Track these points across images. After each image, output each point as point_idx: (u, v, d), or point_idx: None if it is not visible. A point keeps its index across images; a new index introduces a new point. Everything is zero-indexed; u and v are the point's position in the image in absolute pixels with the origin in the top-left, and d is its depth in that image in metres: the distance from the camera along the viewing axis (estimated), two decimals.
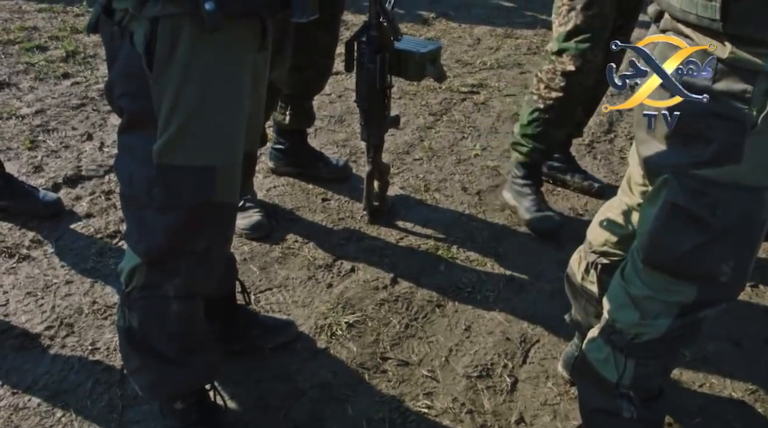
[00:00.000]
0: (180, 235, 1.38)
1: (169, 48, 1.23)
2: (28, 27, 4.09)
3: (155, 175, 1.32)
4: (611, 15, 2.44)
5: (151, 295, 1.47)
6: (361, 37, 2.24)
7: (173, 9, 1.20)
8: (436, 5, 5.13)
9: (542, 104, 2.56)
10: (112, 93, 1.33)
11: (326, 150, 3.03)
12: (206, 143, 1.32)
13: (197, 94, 1.27)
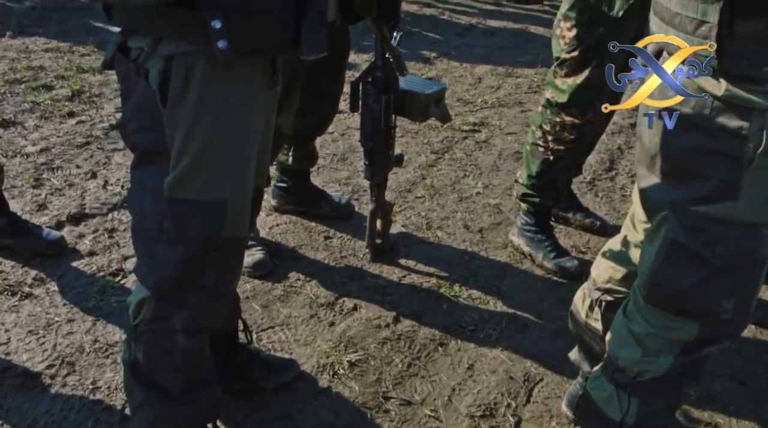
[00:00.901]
0: (189, 268, 1.40)
1: (183, 85, 1.26)
2: (35, 66, 4.14)
3: (166, 208, 1.34)
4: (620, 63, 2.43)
5: (158, 328, 1.48)
6: (367, 78, 2.27)
7: (187, 47, 1.24)
8: (438, 45, 5.19)
9: (551, 156, 2.54)
10: (126, 129, 1.37)
11: (329, 188, 3.04)
12: (217, 177, 1.35)
13: (209, 129, 1.30)
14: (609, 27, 2.28)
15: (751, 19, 1.25)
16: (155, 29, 1.24)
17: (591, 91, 2.38)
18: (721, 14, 1.25)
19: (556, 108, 2.47)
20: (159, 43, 1.24)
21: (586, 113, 2.42)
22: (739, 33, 1.25)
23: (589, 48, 2.33)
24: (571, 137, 2.48)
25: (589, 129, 2.48)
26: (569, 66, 2.39)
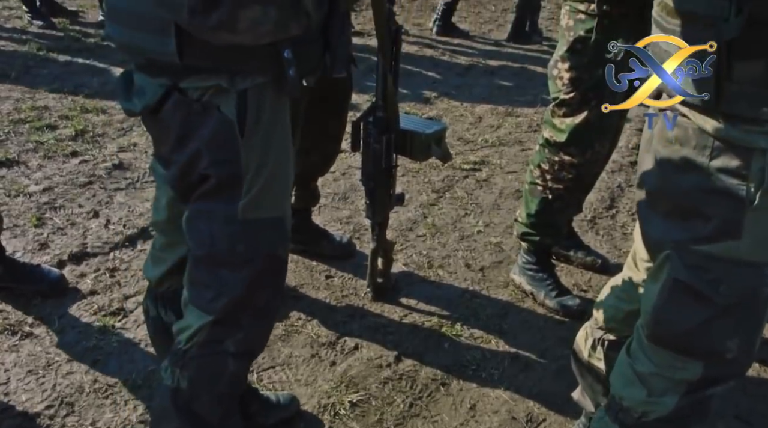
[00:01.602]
0: (253, 287, 1.47)
1: (257, 114, 1.37)
2: (39, 107, 4.18)
3: (239, 231, 1.42)
4: None
5: (211, 352, 1.51)
6: (368, 118, 2.29)
7: (261, 79, 1.34)
8: (438, 85, 5.24)
9: (550, 195, 2.55)
10: (195, 165, 1.40)
11: (330, 227, 3.05)
12: (279, 195, 1.47)
13: (278, 151, 1.43)
14: None
15: (748, 62, 1.26)
16: (234, 66, 1.32)
17: (590, 132, 2.40)
18: (719, 56, 1.27)
19: (555, 147, 2.49)
20: (234, 78, 1.32)
21: (585, 152, 2.44)
22: (738, 75, 1.27)
23: (588, 89, 2.35)
24: (570, 176, 2.49)
25: (588, 169, 2.49)
26: (568, 106, 2.42)
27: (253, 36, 1.25)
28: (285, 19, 1.25)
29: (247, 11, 1.19)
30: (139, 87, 1.41)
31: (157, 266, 1.69)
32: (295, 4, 1.25)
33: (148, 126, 1.51)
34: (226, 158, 1.38)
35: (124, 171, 3.47)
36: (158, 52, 1.32)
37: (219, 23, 1.18)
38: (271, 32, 1.26)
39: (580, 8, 2.34)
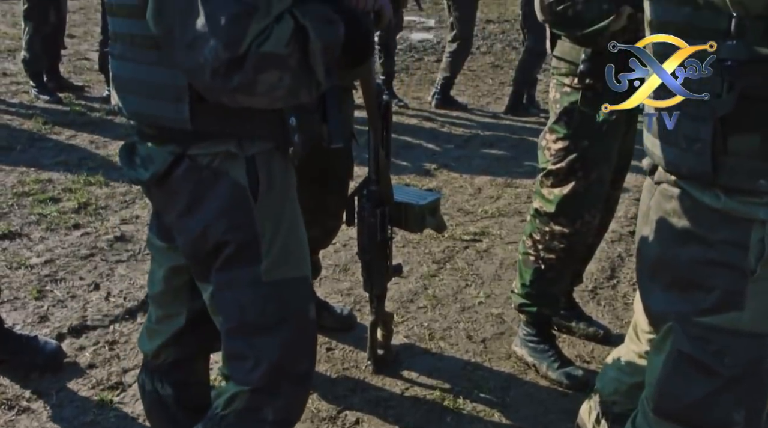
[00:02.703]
0: (289, 352, 1.48)
1: (269, 178, 1.43)
2: (43, 179, 4.22)
3: (267, 292, 1.45)
4: (609, 177, 2.49)
5: (249, 419, 1.50)
6: (362, 192, 2.31)
7: (269, 145, 1.42)
8: (438, 157, 5.30)
9: (542, 265, 2.57)
10: (210, 232, 1.42)
11: (330, 299, 3.04)
12: (299, 255, 1.51)
13: (291, 212, 1.49)
14: (594, 140, 2.38)
15: (743, 135, 1.29)
16: (243, 132, 1.38)
17: (578, 202, 2.44)
18: (714, 131, 1.29)
19: (545, 218, 2.52)
20: (242, 144, 1.38)
21: (574, 222, 2.47)
22: (733, 148, 1.29)
23: (574, 160, 2.41)
24: (561, 246, 2.51)
25: (579, 239, 2.51)
26: (555, 176, 2.46)
27: (268, 100, 1.29)
28: (297, 86, 1.29)
29: (265, 75, 1.23)
30: (146, 156, 1.44)
31: (153, 339, 1.69)
32: (307, 72, 1.29)
33: (153, 195, 1.52)
34: (241, 223, 1.41)
35: (125, 243, 3.48)
36: (171, 119, 1.37)
37: (239, 85, 1.22)
38: (284, 97, 1.30)
39: (565, 82, 2.42)
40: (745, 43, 1.24)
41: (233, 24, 1.17)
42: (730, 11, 1.25)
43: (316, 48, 1.28)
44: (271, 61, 1.22)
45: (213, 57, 1.18)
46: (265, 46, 1.20)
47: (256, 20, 1.19)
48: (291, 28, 1.24)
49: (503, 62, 9.13)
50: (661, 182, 1.46)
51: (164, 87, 1.36)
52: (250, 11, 1.18)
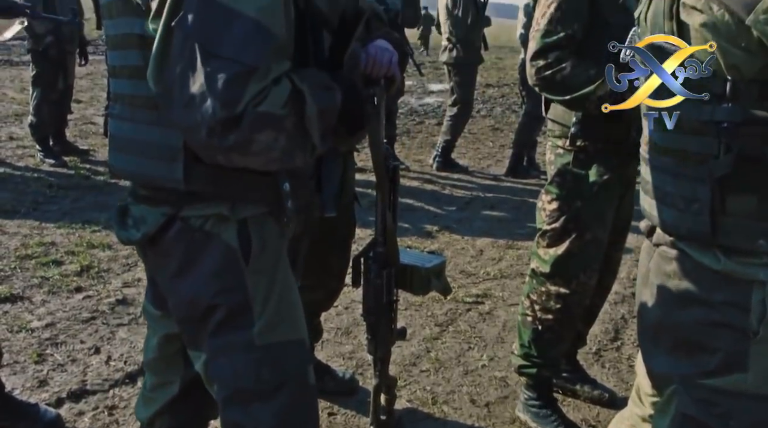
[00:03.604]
0: (290, 419, 1.45)
1: (263, 241, 1.42)
2: (46, 242, 4.24)
3: (261, 356, 1.42)
4: (606, 238, 2.50)
5: None
6: (368, 253, 2.31)
7: (260, 209, 1.42)
8: (440, 219, 5.33)
9: (540, 326, 2.57)
10: (201, 295, 1.41)
11: (333, 363, 3.02)
12: (293, 318, 1.49)
13: (283, 275, 1.47)
14: (586, 201, 2.42)
15: (741, 196, 1.30)
16: (236, 194, 1.39)
17: (572, 262, 2.46)
18: (712, 192, 1.31)
19: (541, 278, 2.53)
20: (234, 208, 1.39)
21: (570, 282, 2.48)
22: (731, 209, 1.30)
23: (567, 220, 2.44)
24: (558, 307, 2.51)
25: (575, 299, 2.51)
26: (550, 237, 2.49)
27: (263, 160, 1.29)
28: (293, 148, 1.30)
29: (261, 135, 1.23)
30: (139, 217, 1.45)
31: (148, 407, 1.67)
32: (303, 135, 1.30)
33: (146, 257, 1.53)
34: (232, 286, 1.40)
35: (127, 306, 3.47)
36: (165, 179, 1.38)
37: (235, 144, 1.22)
38: (279, 159, 1.30)
39: (558, 143, 2.48)
40: (740, 105, 1.27)
41: (232, 84, 1.19)
42: (725, 75, 1.28)
43: (312, 112, 1.29)
44: (267, 121, 1.23)
45: (210, 116, 1.19)
46: (262, 106, 1.21)
47: (255, 81, 1.21)
48: (288, 91, 1.26)
49: (503, 125, 9.26)
50: (659, 244, 1.46)
51: (160, 147, 1.37)
52: (249, 72, 1.20)
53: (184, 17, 1.22)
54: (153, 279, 1.57)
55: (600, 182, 2.40)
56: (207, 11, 1.22)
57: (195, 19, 1.21)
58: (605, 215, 2.47)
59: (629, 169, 2.43)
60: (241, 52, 1.21)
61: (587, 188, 2.41)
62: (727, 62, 1.26)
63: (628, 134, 2.30)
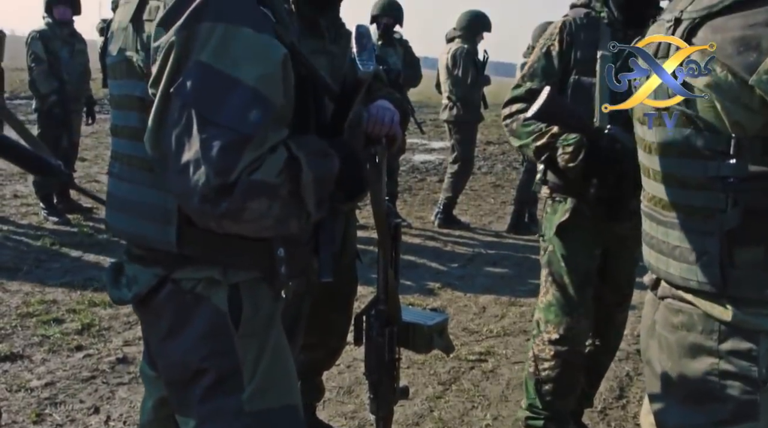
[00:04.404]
0: None
1: (254, 307, 1.41)
2: (48, 300, 4.23)
3: (251, 423, 1.40)
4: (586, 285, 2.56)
5: None
6: (370, 311, 2.31)
7: (255, 274, 1.41)
8: (442, 276, 5.32)
9: (540, 375, 2.60)
10: (189, 359, 1.40)
11: (334, 422, 2.98)
12: (284, 383, 1.47)
13: (275, 340, 1.45)
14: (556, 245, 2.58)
15: (749, 248, 1.32)
16: (228, 259, 1.38)
17: (557, 308, 2.55)
18: (721, 244, 1.33)
19: (538, 328, 2.63)
20: (226, 272, 1.38)
21: (558, 327, 2.56)
22: (740, 261, 1.33)
23: (547, 264, 2.60)
24: (552, 353, 2.57)
25: (567, 345, 2.56)
26: (541, 285, 2.63)
27: (255, 227, 1.28)
28: (287, 216, 1.29)
29: (254, 203, 1.23)
30: (132, 276, 1.45)
31: None
32: (298, 202, 1.29)
33: (140, 316, 1.53)
34: (221, 350, 1.39)
35: (127, 365, 3.44)
36: (158, 241, 1.38)
37: (227, 211, 1.22)
38: (272, 227, 1.29)
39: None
40: (744, 161, 1.30)
41: (226, 152, 1.19)
42: (729, 132, 1.31)
43: (308, 179, 1.28)
44: (260, 189, 1.22)
45: (203, 183, 1.19)
46: (256, 175, 1.21)
47: (250, 150, 1.21)
48: (284, 159, 1.26)
49: (504, 182, 9.32)
50: (665, 296, 1.47)
51: (155, 209, 1.38)
52: (245, 140, 1.20)
53: (183, 84, 1.23)
54: (147, 340, 1.57)
55: (560, 224, 2.53)
56: (206, 79, 1.22)
57: (193, 86, 1.22)
58: (576, 260, 2.55)
59: (613, 225, 2.52)
60: (238, 121, 1.21)
61: (557, 231, 2.55)
62: (731, 120, 1.30)
63: (588, 186, 2.40)
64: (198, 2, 1.25)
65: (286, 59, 1.28)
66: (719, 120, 1.31)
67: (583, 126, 2.34)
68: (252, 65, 1.23)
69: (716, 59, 1.28)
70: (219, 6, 1.25)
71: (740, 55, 1.26)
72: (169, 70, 1.25)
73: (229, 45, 1.23)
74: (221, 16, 1.24)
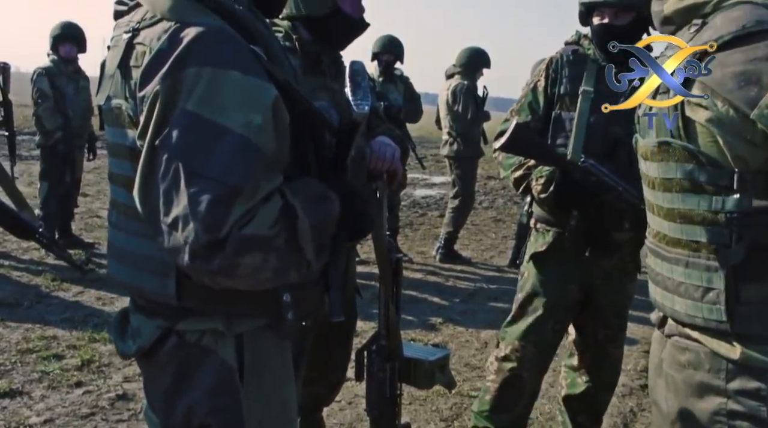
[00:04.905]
0: None
1: (256, 359, 1.37)
2: (48, 336, 4.21)
3: None
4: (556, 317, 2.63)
5: None
6: (371, 347, 2.30)
7: (259, 322, 1.37)
8: (443, 311, 5.30)
9: (486, 385, 2.76)
10: (193, 413, 1.35)
11: None
12: None
13: (283, 393, 1.42)
14: (529, 272, 2.69)
15: (755, 284, 1.31)
16: (231, 309, 1.33)
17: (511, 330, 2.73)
18: (726, 280, 1.32)
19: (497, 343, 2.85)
20: (231, 322, 1.34)
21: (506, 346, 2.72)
22: (747, 297, 1.31)
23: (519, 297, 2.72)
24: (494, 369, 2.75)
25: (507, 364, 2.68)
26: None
27: (251, 282, 1.24)
28: (285, 267, 1.25)
29: (247, 258, 1.18)
30: (136, 328, 1.41)
31: None
32: (296, 252, 1.25)
33: (142, 367, 1.48)
34: (227, 405, 1.35)
35: (127, 402, 3.42)
36: (157, 293, 1.34)
37: (219, 269, 1.17)
38: (270, 279, 1.25)
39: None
40: (747, 195, 1.30)
41: (215, 207, 1.14)
42: (731, 167, 1.31)
43: (305, 227, 1.23)
44: (253, 243, 1.17)
45: (192, 239, 1.14)
46: (248, 229, 1.16)
47: (241, 202, 1.16)
48: (278, 208, 1.21)
49: (505, 216, 9.33)
50: (672, 334, 1.46)
51: (152, 261, 1.33)
52: (235, 193, 1.16)
53: (169, 135, 1.18)
54: (148, 391, 1.51)
55: (535, 254, 2.62)
56: (192, 128, 1.18)
57: (180, 138, 1.18)
58: (545, 291, 2.61)
59: (597, 258, 2.56)
60: (227, 172, 1.16)
61: (532, 258, 2.64)
62: (734, 155, 1.30)
63: (567, 219, 2.49)
64: (182, 47, 1.20)
65: (276, 102, 1.24)
66: (721, 155, 1.32)
67: (553, 158, 2.40)
68: (240, 111, 1.19)
69: (717, 94, 1.29)
70: (204, 49, 1.20)
71: (741, 89, 1.27)
72: (155, 121, 1.20)
73: (216, 91, 1.19)
74: (207, 60, 1.20)
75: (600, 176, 2.33)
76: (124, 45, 1.34)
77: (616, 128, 2.42)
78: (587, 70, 2.50)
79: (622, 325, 2.70)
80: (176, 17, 1.24)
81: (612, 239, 2.52)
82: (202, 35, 1.21)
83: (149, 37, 1.27)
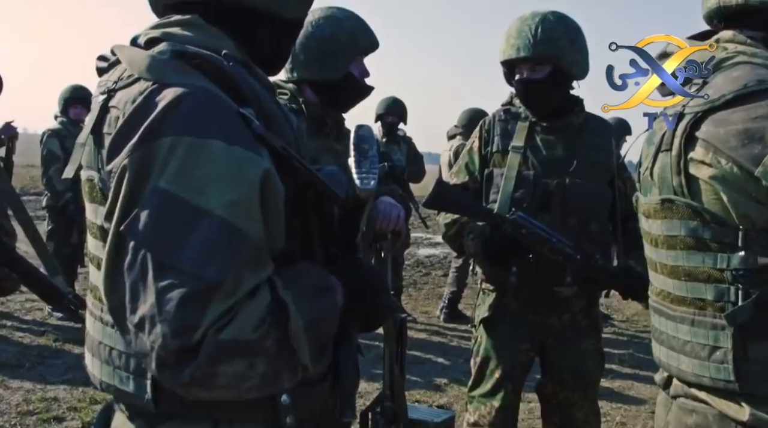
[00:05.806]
0: None
1: None
2: (49, 398, 4.18)
3: None
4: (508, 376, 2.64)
5: None
6: (376, 408, 2.28)
7: (259, 425, 1.18)
8: (448, 371, 5.25)
9: None
10: None
11: None
12: None
13: None
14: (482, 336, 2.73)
15: (764, 341, 1.30)
16: (217, 414, 1.15)
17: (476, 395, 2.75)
18: (733, 339, 1.31)
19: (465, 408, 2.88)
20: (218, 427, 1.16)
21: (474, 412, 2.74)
22: (755, 356, 1.30)
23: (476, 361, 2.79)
24: None
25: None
26: None
27: (235, 393, 1.05)
28: (277, 372, 1.07)
29: (227, 367, 0.99)
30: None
31: None
32: (289, 354, 1.06)
33: None
34: None
35: None
36: (133, 396, 1.16)
37: (192, 380, 0.99)
38: (257, 387, 1.06)
39: None
40: (753, 253, 1.29)
41: (187, 306, 0.96)
42: (736, 224, 1.31)
43: (298, 327, 1.05)
44: (233, 349, 0.99)
45: (160, 345, 0.96)
46: (226, 332, 0.98)
47: (218, 300, 0.98)
48: (265, 306, 1.03)
49: None
50: (678, 395, 1.44)
51: (126, 358, 1.16)
52: (210, 289, 0.98)
53: (136, 218, 1.00)
54: None
55: (483, 319, 2.64)
56: (163, 210, 1.00)
57: (148, 221, 0.99)
58: (498, 354, 2.63)
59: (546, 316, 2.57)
60: (202, 264, 0.98)
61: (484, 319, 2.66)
62: (738, 212, 1.31)
63: (507, 275, 2.47)
64: (156, 112, 1.03)
65: (266, 176, 1.05)
66: (726, 212, 1.32)
67: (480, 212, 2.40)
68: (222, 189, 1.01)
69: (720, 151, 1.31)
70: (182, 115, 1.03)
71: (744, 147, 1.28)
72: (122, 201, 1.02)
73: (193, 164, 1.01)
74: (184, 128, 1.02)
75: (530, 227, 2.30)
76: (98, 108, 1.19)
77: (548, 180, 2.45)
78: (518, 127, 2.55)
79: (583, 386, 2.64)
80: (154, 77, 1.08)
81: (556, 295, 2.50)
82: (180, 98, 1.04)
83: (123, 100, 1.11)
